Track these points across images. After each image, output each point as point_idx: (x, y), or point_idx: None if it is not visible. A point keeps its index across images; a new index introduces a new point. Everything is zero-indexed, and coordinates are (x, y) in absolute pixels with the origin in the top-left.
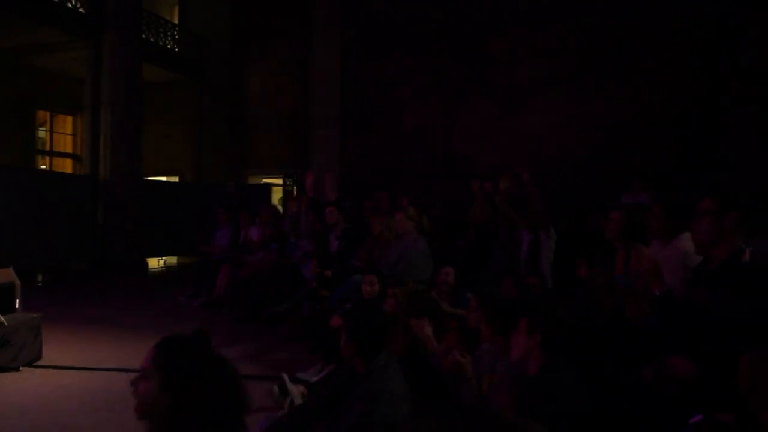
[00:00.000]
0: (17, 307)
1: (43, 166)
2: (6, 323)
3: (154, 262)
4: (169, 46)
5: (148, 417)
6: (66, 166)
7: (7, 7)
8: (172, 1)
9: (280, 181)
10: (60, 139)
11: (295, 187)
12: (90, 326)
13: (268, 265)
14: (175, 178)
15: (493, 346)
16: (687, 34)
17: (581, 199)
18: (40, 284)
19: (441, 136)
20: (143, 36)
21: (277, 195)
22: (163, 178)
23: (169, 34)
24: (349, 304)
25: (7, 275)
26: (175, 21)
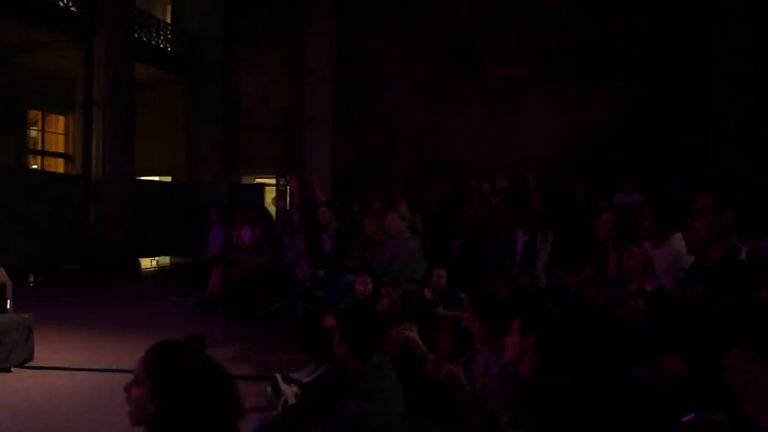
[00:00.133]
0: (8, 307)
1: (35, 166)
2: None
3: (146, 262)
4: (161, 46)
5: (141, 423)
6: (58, 166)
7: None
8: (165, 0)
9: (273, 181)
10: (51, 139)
11: (287, 187)
12: (82, 327)
13: (261, 265)
14: (167, 178)
15: (486, 347)
16: (677, 34)
17: (573, 199)
18: (31, 285)
19: (433, 136)
20: (136, 35)
21: (270, 195)
22: (156, 178)
23: (161, 33)
24: (342, 304)
25: None
26: (168, 20)
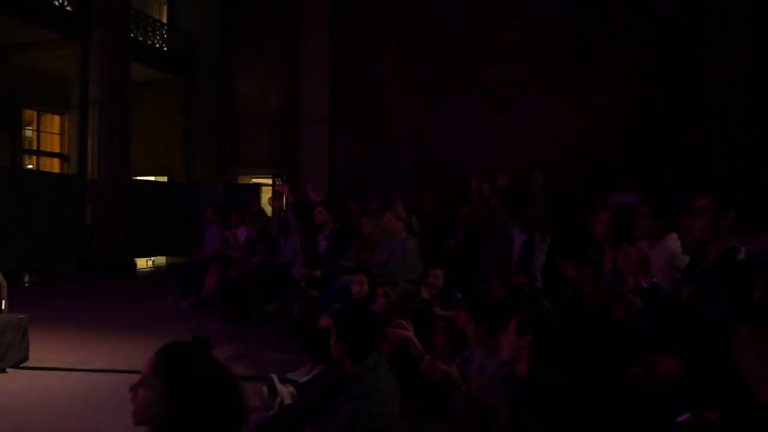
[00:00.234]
0: (3, 308)
1: (30, 166)
2: None
3: (142, 263)
4: (157, 45)
5: (145, 423)
6: (53, 166)
7: None
8: None
9: (270, 181)
10: (47, 139)
11: (286, 182)
12: (77, 327)
13: (257, 265)
14: (163, 178)
15: (482, 347)
16: (676, 35)
17: (571, 199)
18: (27, 285)
19: (430, 135)
20: (131, 35)
21: (267, 195)
22: (152, 178)
23: (157, 32)
24: (338, 304)
25: None
26: (164, 20)
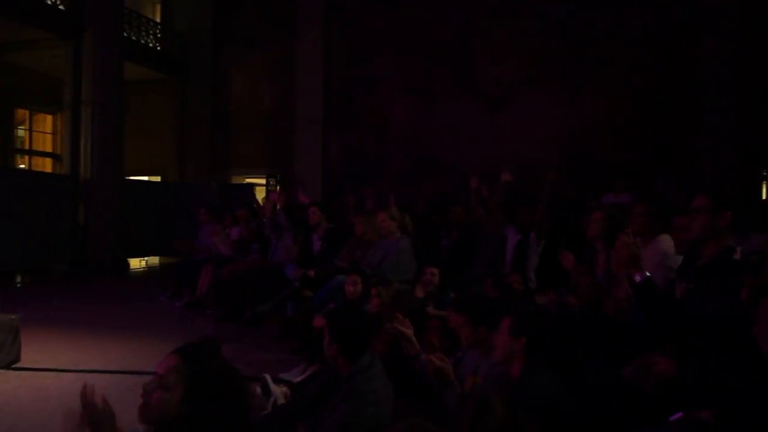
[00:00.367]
0: None
1: (22, 166)
2: None
3: (136, 263)
4: (151, 45)
5: (156, 423)
6: (46, 166)
7: None
8: None
9: (264, 181)
10: (39, 138)
11: (278, 187)
12: (69, 328)
13: (251, 265)
14: (157, 178)
15: (475, 347)
16: (667, 36)
17: (563, 199)
18: (19, 285)
19: (424, 136)
20: (125, 34)
21: (261, 195)
22: (145, 178)
23: (151, 32)
24: (332, 305)
25: None
26: (158, 19)
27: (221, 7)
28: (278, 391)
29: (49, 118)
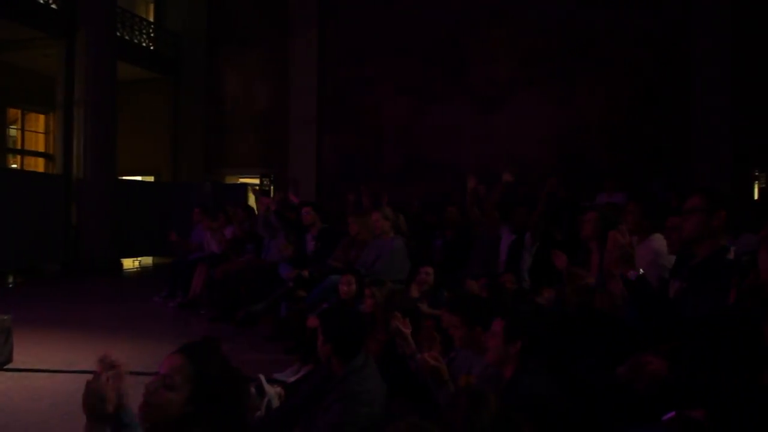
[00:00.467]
0: None
1: (14, 165)
2: None
3: (129, 263)
4: (144, 44)
5: (157, 422)
6: (38, 165)
7: None
8: None
9: (257, 181)
10: (32, 138)
11: (272, 187)
12: (62, 328)
13: (244, 265)
14: (150, 178)
15: (469, 347)
16: (659, 36)
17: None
18: (11, 286)
19: (417, 136)
20: (118, 33)
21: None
22: (139, 178)
23: (144, 31)
24: (326, 304)
25: None
26: (151, 19)
27: (215, 7)
28: (272, 392)
29: (42, 117)
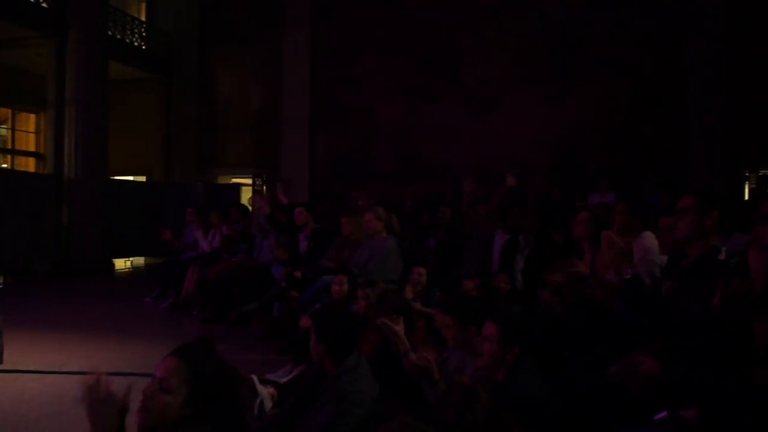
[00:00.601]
0: None
1: (5, 165)
2: None
3: (121, 263)
4: (136, 44)
5: (156, 426)
6: (29, 165)
7: None
8: None
9: (250, 181)
10: (22, 137)
11: (264, 187)
12: (53, 329)
13: (237, 265)
14: (142, 178)
15: (462, 347)
16: (653, 36)
17: (550, 199)
18: (1, 287)
19: (411, 135)
20: (109, 32)
21: (247, 195)
22: (130, 178)
23: (136, 31)
24: (318, 305)
25: None
26: (143, 18)
27: (207, 6)
28: (265, 392)
29: (32, 117)
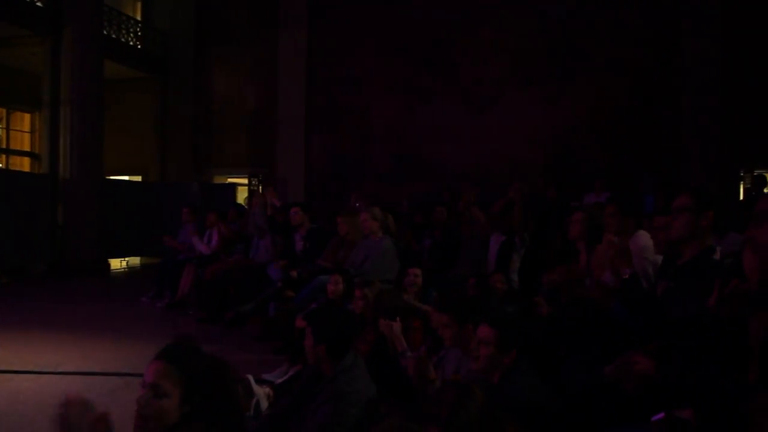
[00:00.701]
0: None
1: None
2: None
3: (116, 263)
4: (131, 43)
5: (153, 428)
6: (23, 165)
7: None
8: None
9: (246, 181)
10: (17, 137)
11: (260, 187)
12: (48, 329)
13: (233, 265)
14: (138, 178)
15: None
16: (650, 36)
17: (546, 200)
18: None
19: (407, 136)
20: (105, 32)
21: (243, 195)
22: (126, 178)
23: (131, 30)
24: (314, 305)
25: None
26: (138, 17)
27: (203, 6)
28: (261, 392)
29: (27, 116)
